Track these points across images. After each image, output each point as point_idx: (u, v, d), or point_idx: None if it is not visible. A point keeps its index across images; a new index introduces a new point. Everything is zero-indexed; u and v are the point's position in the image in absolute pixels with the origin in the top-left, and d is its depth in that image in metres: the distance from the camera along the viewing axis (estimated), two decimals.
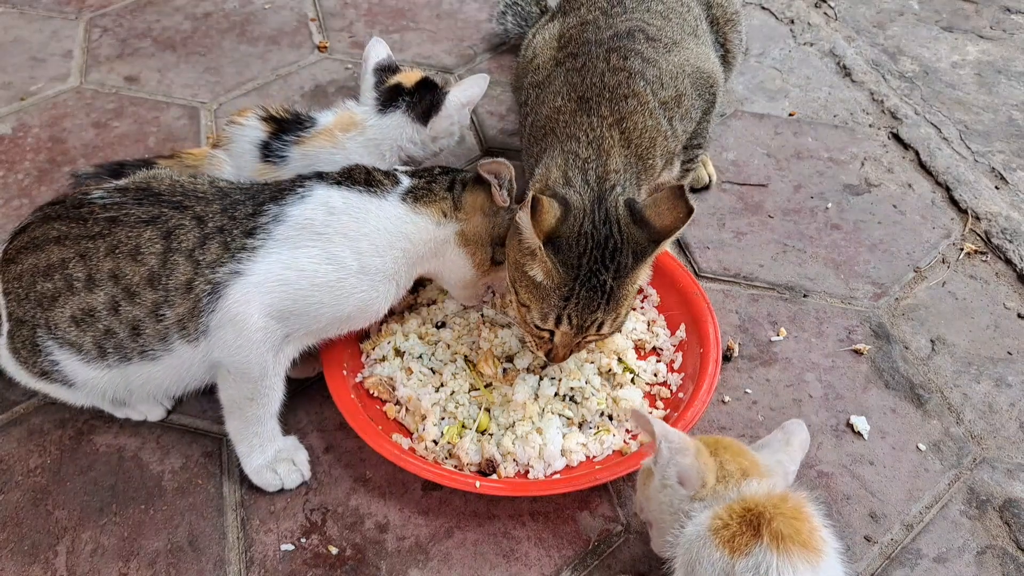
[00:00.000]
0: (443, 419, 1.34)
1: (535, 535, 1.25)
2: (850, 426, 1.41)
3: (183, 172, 1.38)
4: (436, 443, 1.31)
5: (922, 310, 1.62)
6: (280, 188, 1.26)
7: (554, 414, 1.34)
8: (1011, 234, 1.75)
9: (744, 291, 1.64)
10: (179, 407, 1.40)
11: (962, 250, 1.74)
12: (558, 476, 1.27)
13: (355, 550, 1.23)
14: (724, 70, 1.65)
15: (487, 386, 1.39)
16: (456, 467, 1.28)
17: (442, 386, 1.38)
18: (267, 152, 1.51)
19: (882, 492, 1.32)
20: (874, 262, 1.70)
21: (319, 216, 1.22)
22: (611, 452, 1.32)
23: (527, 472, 1.28)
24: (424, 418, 1.32)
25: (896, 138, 2.02)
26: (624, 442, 1.33)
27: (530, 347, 1.35)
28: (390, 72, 1.57)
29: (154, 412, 1.37)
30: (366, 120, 1.53)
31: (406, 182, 1.31)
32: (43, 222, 1.23)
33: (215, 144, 1.58)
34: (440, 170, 1.37)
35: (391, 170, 1.34)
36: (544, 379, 1.37)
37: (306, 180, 1.27)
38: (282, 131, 1.51)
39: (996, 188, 1.88)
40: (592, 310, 1.23)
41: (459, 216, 1.32)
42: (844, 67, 2.24)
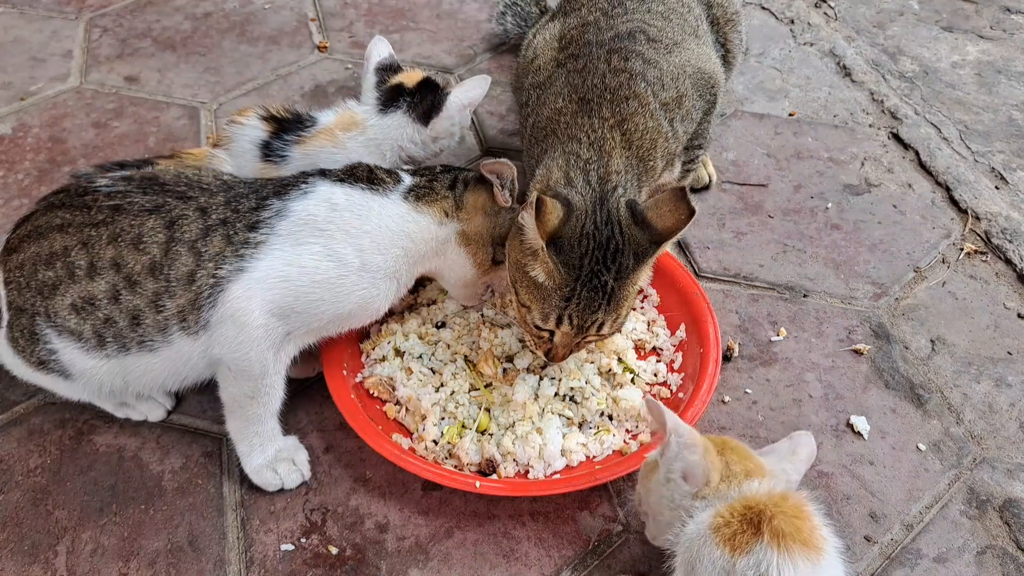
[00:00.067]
0: (443, 419, 1.34)
1: (535, 535, 1.25)
2: (850, 426, 1.41)
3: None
4: (436, 443, 1.31)
5: (922, 310, 1.62)
6: (283, 183, 1.27)
7: (554, 414, 1.34)
8: (1011, 234, 1.75)
9: (744, 291, 1.64)
10: (179, 407, 1.40)
11: (962, 250, 1.74)
12: (558, 476, 1.28)
13: (355, 550, 1.23)
14: (724, 70, 1.65)
15: (487, 386, 1.39)
16: (456, 467, 1.28)
17: (442, 386, 1.38)
18: (268, 151, 1.51)
19: (882, 492, 1.32)
20: (874, 262, 1.70)
21: (322, 212, 1.22)
22: (611, 452, 1.32)
23: (527, 472, 1.28)
24: (424, 418, 1.32)
25: (896, 138, 2.02)
26: (624, 442, 1.34)
27: (530, 347, 1.35)
28: (392, 72, 1.57)
29: (154, 412, 1.37)
30: (367, 120, 1.53)
31: (408, 180, 1.31)
32: (47, 210, 1.23)
33: (215, 144, 1.57)
34: (442, 169, 1.37)
35: (393, 168, 1.34)
36: (544, 379, 1.37)
37: (309, 176, 1.28)
38: (283, 130, 1.51)
39: (996, 188, 1.88)
40: (593, 311, 1.23)
41: (460, 215, 1.32)
42: (844, 67, 2.24)
